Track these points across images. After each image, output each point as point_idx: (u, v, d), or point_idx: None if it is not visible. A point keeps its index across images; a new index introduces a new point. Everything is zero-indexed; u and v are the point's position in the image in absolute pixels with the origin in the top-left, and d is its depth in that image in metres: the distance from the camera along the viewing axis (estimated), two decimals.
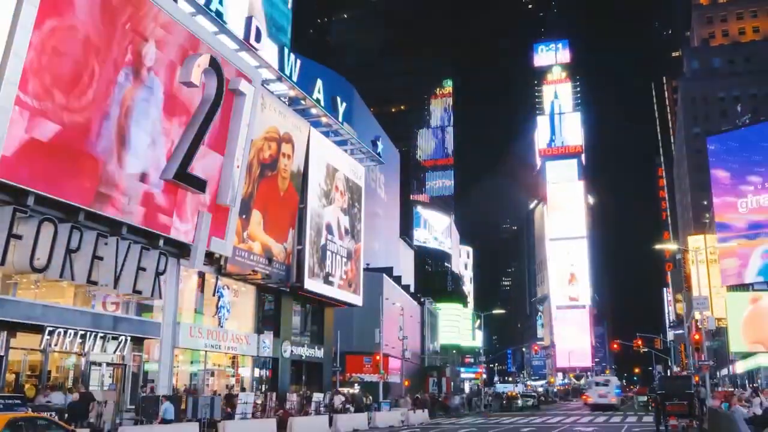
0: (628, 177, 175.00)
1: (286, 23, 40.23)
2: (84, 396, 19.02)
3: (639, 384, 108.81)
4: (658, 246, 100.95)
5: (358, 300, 40.94)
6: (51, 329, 18.74)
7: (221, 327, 28.30)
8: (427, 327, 71.28)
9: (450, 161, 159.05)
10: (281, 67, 31.38)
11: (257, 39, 28.74)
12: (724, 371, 62.14)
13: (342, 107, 37.93)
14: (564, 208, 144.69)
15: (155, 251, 22.41)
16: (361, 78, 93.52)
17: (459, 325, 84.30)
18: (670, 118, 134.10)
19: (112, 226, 20.75)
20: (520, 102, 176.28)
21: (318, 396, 31.04)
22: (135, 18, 21.04)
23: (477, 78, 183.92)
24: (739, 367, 53.33)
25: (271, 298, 33.87)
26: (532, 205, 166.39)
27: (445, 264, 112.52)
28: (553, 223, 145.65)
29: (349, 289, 39.65)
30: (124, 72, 20.69)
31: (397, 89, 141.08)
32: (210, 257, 26.02)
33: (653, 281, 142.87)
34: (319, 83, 35.03)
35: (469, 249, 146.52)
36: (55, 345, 19.18)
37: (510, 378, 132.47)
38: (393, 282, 57.71)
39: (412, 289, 70.80)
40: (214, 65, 23.97)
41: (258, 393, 29.06)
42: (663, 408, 26.14)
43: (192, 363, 28.12)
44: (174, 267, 24.81)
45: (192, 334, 26.23)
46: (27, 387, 19.32)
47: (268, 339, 31.77)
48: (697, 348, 36.02)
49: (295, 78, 32.50)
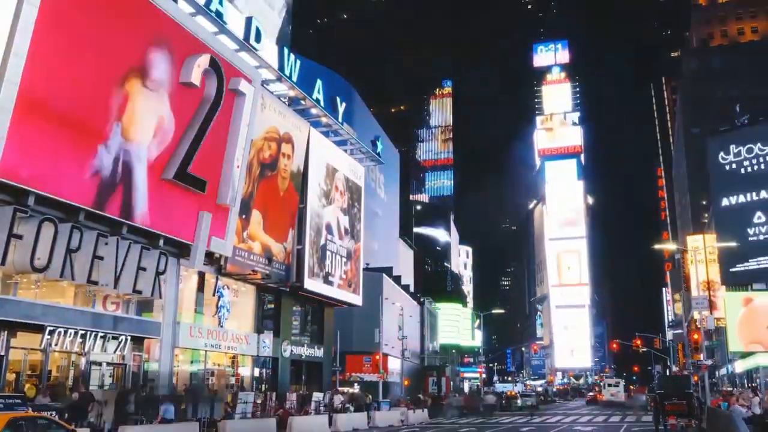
0: (627, 177, 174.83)
1: (285, 23, 40.26)
2: (84, 396, 19.05)
3: (638, 383, 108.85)
4: (657, 246, 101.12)
5: (357, 300, 40.99)
6: (51, 329, 18.77)
7: (221, 327, 28.33)
8: (427, 327, 71.36)
9: (450, 161, 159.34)
10: (281, 68, 31.38)
11: (257, 39, 28.77)
12: (723, 371, 62.18)
13: (342, 107, 37.95)
14: (563, 207, 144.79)
15: (155, 251, 22.45)
16: (361, 78, 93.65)
17: (458, 325, 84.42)
18: (669, 118, 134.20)
19: (112, 225, 20.79)
20: (519, 102, 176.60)
21: (318, 395, 31.08)
22: (135, 18, 21.09)
23: (477, 78, 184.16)
24: (738, 367, 53.33)
25: (271, 298, 33.88)
26: (531, 205, 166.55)
27: (445, 264, 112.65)
28: (553, 223, 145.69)
29: (349, 289, 39.69)
30: (124, 72, 20.72)
31: (397, 89, 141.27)
32: (210, 257, 26.05)
33: (652, 281, 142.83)
34: (319, 83, 35.02)
35: (469, 249, 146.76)
36: (56, 345, 19.21)
37: (509, 378, 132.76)
38: (393, 282, 57.77)
39: (411, 289, 70.87)
40: (214, 65, 24.03)
41: (258, 392, 29.09)
42: (662, 407, 26.21)
43: (192, 363, 28.15)
44: (174, 267, 24.82)
45: (192, 333, 26.27)
46: (27, 387, 19.35)
47: (268, 339, 31.83)
48: (696, 347, 36.05)
49: (295, 78, 32.50)
